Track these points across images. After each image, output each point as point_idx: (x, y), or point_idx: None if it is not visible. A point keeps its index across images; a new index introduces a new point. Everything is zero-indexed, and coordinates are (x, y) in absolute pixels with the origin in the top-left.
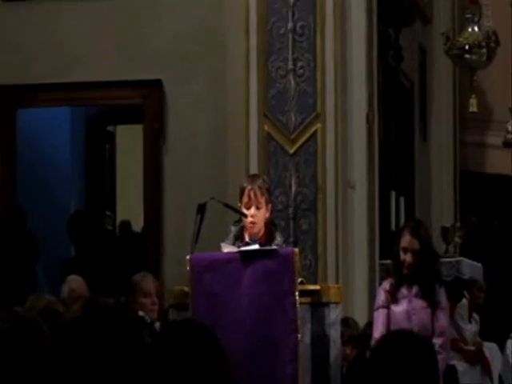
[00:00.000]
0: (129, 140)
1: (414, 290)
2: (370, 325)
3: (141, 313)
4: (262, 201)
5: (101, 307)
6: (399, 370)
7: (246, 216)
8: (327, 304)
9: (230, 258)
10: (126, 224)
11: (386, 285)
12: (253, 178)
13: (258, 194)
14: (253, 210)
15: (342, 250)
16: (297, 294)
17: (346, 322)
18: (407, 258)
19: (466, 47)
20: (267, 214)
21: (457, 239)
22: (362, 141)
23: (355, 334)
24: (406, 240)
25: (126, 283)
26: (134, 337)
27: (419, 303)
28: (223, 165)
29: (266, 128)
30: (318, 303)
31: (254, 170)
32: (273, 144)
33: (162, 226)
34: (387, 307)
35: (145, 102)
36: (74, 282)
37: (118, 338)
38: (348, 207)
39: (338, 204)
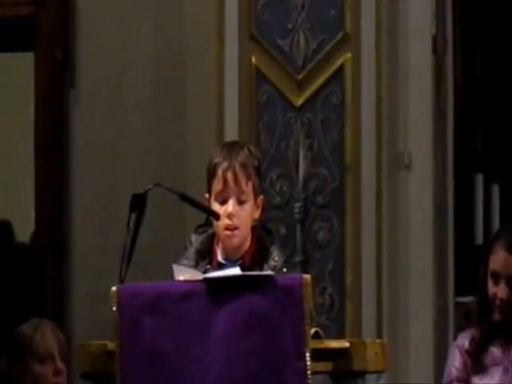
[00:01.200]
0: (7, 80)
1: None
2: None
3: None
4: (248, 189)
5: None
6: None
7: (218, 217)
8: (361, 374)
9: (188, 291)
10: (3, 228)
11: (465, 340)
12: (231, 148)
13: (241, 176)
14: (231, 206)
15: (387, 277)
16: (308, 355)
17: None
18: (499, 291)
19: None
20: (256, 214)
21: None
22: (424, 85)
23: None
24: (499, 260)
25: (8, 337)
26: None
27: None
28: (178, 126)
29: (253, 60)
30: (345, 372)
31: (232, 135)
32: (266, 89)
33: (67, 233)
34: (466, 380)
35: (37, 13)
36: None
37: None
38: (400, 202)
39: (381, 197)
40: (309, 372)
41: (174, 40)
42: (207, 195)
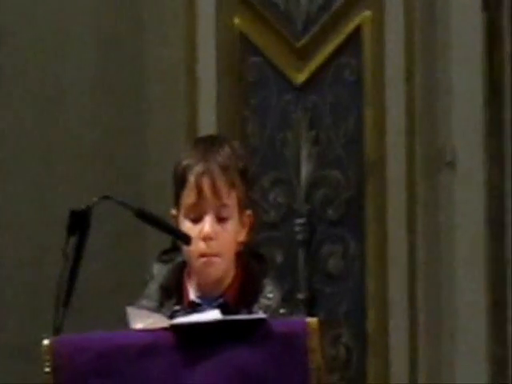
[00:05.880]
0: None
1: None
2: None
3: None
4: (231, 201)
5: None
6: None
7: (189, 240)
8: None
9: (150, 344)
10: None
11: None
12: (207, 145)
13: (221, 184)
14: (208, 225)
15: (424, 320)
16: None
17: None
18: None
19: None
20: (242, 235)
21: None
22: (472, 53)
23: None
24: None
25: None
26: None
27: None
28: (132, 116)
29: (236, 23)
30: None
31: (208, 126)
32: (255, 62)
33: None
34: None
35: None
36: None
37: None
38: (440, 215)
39: (414, 208)
40: None
41: None
42: (174, 211)
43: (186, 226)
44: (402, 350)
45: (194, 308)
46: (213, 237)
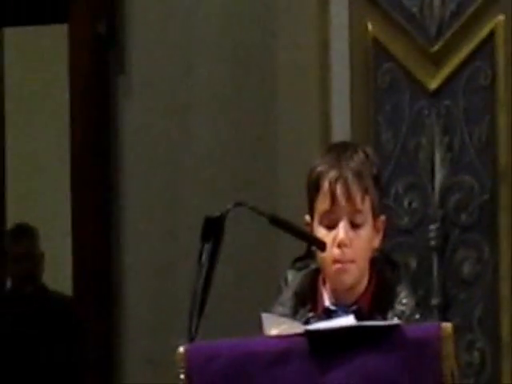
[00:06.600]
0: (33, 60)
1: None
2: None
3: None
4: (365, 207)
5: None
6: None
7: (323, 246)
8: None
9: (284, 350)
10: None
11: None
12: (341, 152)
13: (355, 190)
14: (342, 231)
15: None
16: None
17: None
18: None
19: None
20: (376, 241)
21: None
22: None
23: None
24: None
25: None
26: None
27: None
28: (265, 122)
29: (370, 28)
30: None
31: (341, 133)
32: (388, 67)
33: (115, 275)
34: None
35: None
36: None
37: None
38: None
39: None
40: None
41: (257, 4)
42: (308, 217)
43: (321, 233)
44: None
45: (329, 315)
46: (347, 243)
